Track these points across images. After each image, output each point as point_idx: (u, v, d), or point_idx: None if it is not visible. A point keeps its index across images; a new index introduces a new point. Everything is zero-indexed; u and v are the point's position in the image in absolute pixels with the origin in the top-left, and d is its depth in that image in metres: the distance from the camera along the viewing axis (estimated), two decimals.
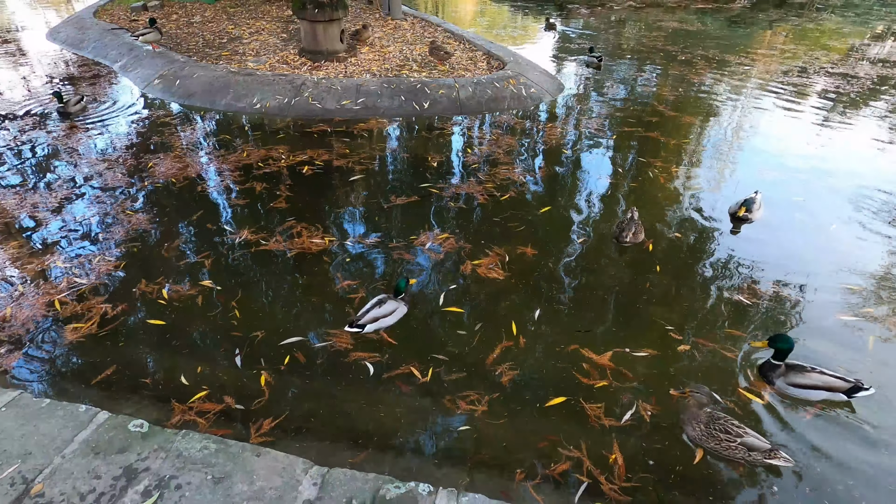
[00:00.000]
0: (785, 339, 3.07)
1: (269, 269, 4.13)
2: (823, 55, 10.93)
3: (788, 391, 3.08)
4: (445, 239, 4.52)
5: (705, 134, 7.05)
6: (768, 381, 3.14)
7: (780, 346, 3.08)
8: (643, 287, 4.04)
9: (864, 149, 6.60)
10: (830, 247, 4.61)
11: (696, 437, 2.78)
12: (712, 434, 2.72)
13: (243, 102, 7.09)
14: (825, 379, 3.03)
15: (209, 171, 5.61)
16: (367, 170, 5.71)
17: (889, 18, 15.03)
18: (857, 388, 2.99)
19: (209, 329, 3.53)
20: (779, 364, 3.10)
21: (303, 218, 4.74)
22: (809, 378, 3.04)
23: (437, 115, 7.16)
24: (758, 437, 2.70)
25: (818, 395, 3.05)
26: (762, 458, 2.66)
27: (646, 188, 5.55)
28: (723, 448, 2.70)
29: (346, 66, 8.13)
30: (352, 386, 3.15)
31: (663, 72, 9.57)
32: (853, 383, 3.00)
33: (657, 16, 14.57)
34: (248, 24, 10.27)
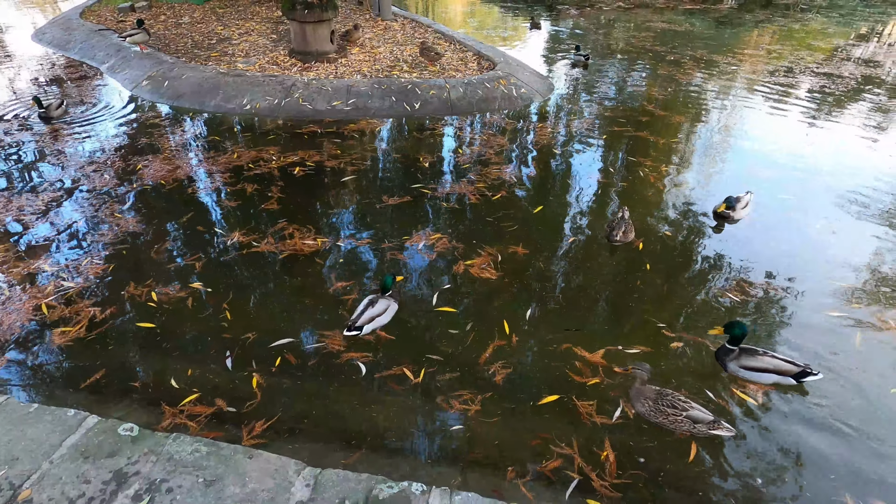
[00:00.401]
0: (739, 325, 3.16)
1: (261, 271, 4.10)
2: (809, 55, 11.08)
3: (741, 374, 3.18)
4: (438, 239, 4.52)
5: (694, 133, 7.12)
6: (722, 364, 3.24)
7: (735, 332, 3.17)
8: (634, 285, 4.08)
9: (850, 147, 6.70)
10: (819, 244, 4.68)
11: (645, 412, 2.92)
12: (660, 409, 2.85)
13: (233, 103, 7.05)
14: (776, 363, 3.13)
15: (199, 173, 5.57)
16: (359, 170, 5.70)
17: (872, 19, 15.27)
18: (806, 373, 3.10)
19: (200, 331, 3.51)
20: (733, 349, 3.20)
21: (294, 219, 4.72)
22: (761, 361, 3.15)
23: (428, 115, 7.17)
24: (702, 410, 2.84)
25: (769, 379, 3.16)
26: (706, 429, 2.81)
27: (636, 187, 5.60)
28: (670, 422, 2.84)
29: (337, 66, 8.11)
30: (345, 386, 3.15)
31: (652, 72, 9.64)
32: (802, 368, 3.10)
33: (646, 16, 14.69)
34: (238, 25, 10.21)
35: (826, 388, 3.21)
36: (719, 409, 3.06)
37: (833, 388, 3.21)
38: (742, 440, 2.91)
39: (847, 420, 3.02)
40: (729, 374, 3.22)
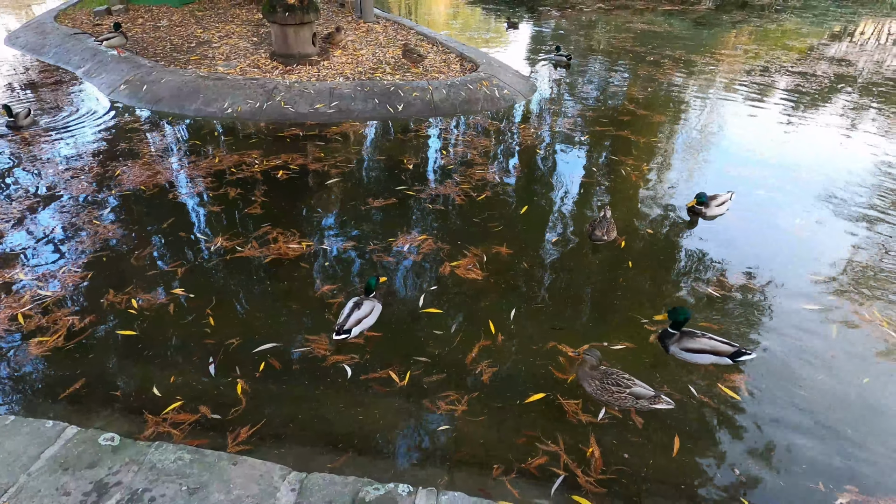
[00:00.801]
0: (682, 311, 3.30)
1: (245, 276, 4.07)
2: (784, 55, 11.33)
3: (681, 356, 3.32)
4: (424, 240, 4.52)
5: (675, 132, 7.23)
6: (664, 346, 3.37)
7: (678, 318, 3.31)
8: (617, 283, 4.13)
9: (825, 144, 6.87)
10: (796, 240, 4.78)
11: (592, 392, 3.04)
12: (606, 388, 2.97)
13: (214, 107, 6.98)
14: (713, 344, 3.27)
15: (180, 178, 5.50)
16: (343, 173, 5.69)
17: (844, 19, 15.68)
18: (741, 353, 3.24)
19: (183, 338, 3.46)
20: (674, 333, 3.34)
21: (278, 223, 4.69)
22: (699, 343, 3.29)
23: (412, 117, 7.17)
24: (643, 386, 2.98)
25: (707, 359, 3.30)
26: (648, 403, 2.95)
27: (618, 186, 5.67)
28: (615, 399, 2.97)
29: (319, 69, 8.07)
30: (331, 390, 3.13)
31: (633, 72, 9.78)
32: (737, 348, 3.25)
33: (626, 17, 14.89)
34: (218, 28, 10.11)
35: (802, 379, 3.29)
36: (701, 405, 3.12)
37: (809, 379, 3.29)
38: (723, 433, 2.97)
39: (821, 410, 3.09)
40: (671, 355, 3.36)
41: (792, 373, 3.35)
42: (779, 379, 3.30)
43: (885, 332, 3.67)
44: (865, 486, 2.68)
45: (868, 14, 16.40)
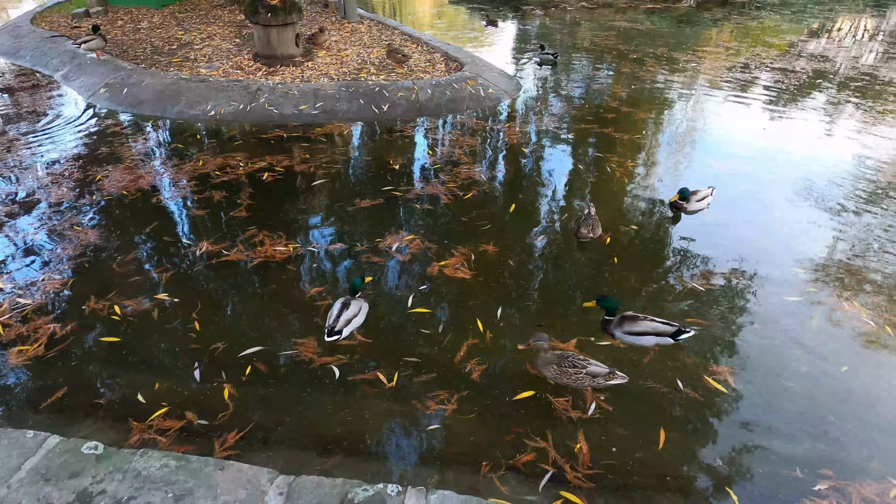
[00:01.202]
0: (608, 298, 3.45)
1: (231, 280, 4.03)
2: (764, 51, 11.50)
3: (627, 339, 3.42)
4: (412, 240, 4.52)
5: (659, 129, 7.31)
6: (608, 332, 3.48)
7: (606, 305, 3.44)
8: (603, 278, 4.16)
9: (805, 138, 6.98)
10: (778, 233, 4.86)
11: (552, 377, 3.11)
12: (564, 371, 3.06)
13: (196, 110, 6.90)
14: (654, 325, 3.37)
15: (163, 182, 5.43)
16: (329, 174, 5.66)
17: (822, 16, 15.95)
18: (681, 332, 3.35)
19: (168, 344, 3.42)
20: (612, 318, 3.44)
21: (265, 226, 4.65)
22: (641, 326, 3.39)
23: (397, 117, 7.15)
24: (598, 365, 3.10)
25: (651, 341, 3.40)
26: (604, 381, 3.07)
27: (603, 183, 5.71)
28: (573, 381, 3.06)
29: (303, 70, 8.02)
30: (319, 392, 3.12)
31: (617, 70, 9.86)
32: (677, 327, 3.36)
33: (609, 16, 15.00)
34: (199, 30, 9.99)
35: (784, 369, 3.35)
36: (685, 397, 3.15)
37: (791, 370, 3.35)
38: (707, 425, 3.01)
39: (802, 399, 3.15)
40: (617, 341, 3.46)
41: (776, 364, 3.40)
42: (762, 371, 3.35)
43: (864, 322, 3.74)
44: (843, 471, 2.73)
45: (844, 10, 16.71)
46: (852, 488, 2.66)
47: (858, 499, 2.61)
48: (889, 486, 2.68)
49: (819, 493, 2.62)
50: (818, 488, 2.64)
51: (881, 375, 3.34)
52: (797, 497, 2.62)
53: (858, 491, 2.65)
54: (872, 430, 2.98)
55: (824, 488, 2.64)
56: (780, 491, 2.66)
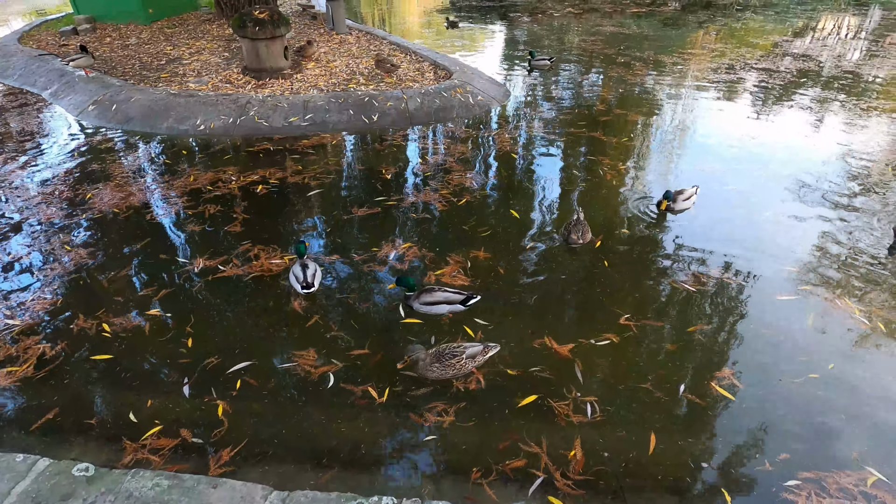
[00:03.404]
0: (405, 279, 3.75)
1: (227, 295, 4.00)
2: (748, 52, 11.64)
3: (422, 309, 3.71)
4: (408, 248, 4.52)
5: (648, 131, 7.37)
6: (409, 306, 3.76)
7: (406, 283, 3.75)
8: (597, 281, 4.17)
9: (792, 137, 7.06)
10: (768, 232, 4.88)
11: (438, 377, 3.15)
12: (446, 365, 3.12)
13: (186, 125, 6.89)
14: (446, 295, 3.68)
15: (154, 199, 5.41)
16: (323, 185, 5.66)
17: (805, 16, 16.18)
18: (470, 298, 3.69)
19: (161, 361, 3.39)
20: (411, 293, 3.75)
21: (260, 239, 4.64)
22: (434, 296, 3.68)
23: (388, 127, 7.18)
24: (472, 345, 3.24)
25: (443, 309, 3.71)
26: (483, 358, 3.23)
27: (594, 186, 5.74)
28: (459, 369, 3.14)
29: (292, 82, 8.04)
30: (315, 406, 3.09)
31: (605, 74, 9.95)
32: (466, 295, 3.70)
33: (595, 21, 15.16)
34: (188, 45, 10.01)
35: (774, 367, 3.36)
36: (695, 406, 3.16)
37: (781, 367, 3.36)
38: (695, 430, 3.00)
39: (791, 396, 3.16)
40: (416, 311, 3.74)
41: (769, 362, 3.41)
42: (756, 370, 3.37)
43: (857, 320, 3.77)
44: (822, 463, 2.77)
45: (826, 10, 16.97)
46: (830, 479, 2.68)
47: (836, 489, 2.64)
48: (866, 475, 2.71)
49: (798, 487, 2.64)
50: (796, 482, 2.66)
51: (866, 370, 3.36)
52: (778, 489, 2.64)
53: (836, 481, 2.67)
54: (854, 422, 3.00)
55: (802, 481, 2.66)
56: (762, 484, 2.67)
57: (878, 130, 7.30)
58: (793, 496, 2.61)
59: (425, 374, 3.17)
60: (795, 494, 2.61)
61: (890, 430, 2.97)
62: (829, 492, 2.63)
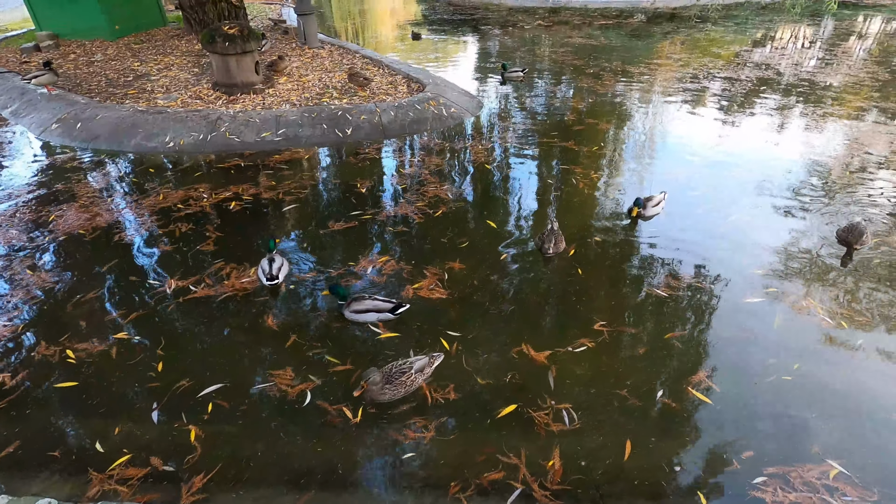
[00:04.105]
0: (335, 288, 3.82)
1: (199, 316, 3.91)
2: (711, 62, 12.06)
3: (353, 317, 3.80)
4: (386, 262, 4.51)
5: (618, 139, 7.54)
6: (342, 314, 3.83)
7: (336, 293, 3.83)
8: (572, 289, 4.22)
9: (755, 142, 7.31)
10: (735, 235, 5.03)
11: (390, 397, 3.09)
12: (396, 384, 3.07)
13: (155, 142, 6.76)
14: (375, 303, 3.77)
15: (122, 219, 5.27)
16: (298, 200, 5.61)
17: (763, 27, 16.87)
18: (399, 307, 3.76)
19: (130, 387, 3.29)
20: (343, 301, 3.83)
21: (233, 257, 4.56)
22: (364, 304, 3.77)
23: (362, 140, 7.18)
24: (417, 358, 3.23)
25: (372, 317, 3.78)
26: (431, 368, 3.22)
27: (568, 195, 5.83)
28: (409, 386, 3.10)
29: (264, 97, 7.98)
30: (292, 426, 3.04)
31: (575, 84, 10.16)
32: (395, 303, 3.77)
33: (565, 32, 15.50)
34: (156, 60, 9.85)
35: (745, 369, 3.45)
36: (669, 410, 3.21)
37: (752, 368, 3.45)
38: (670, 434, 3.05)
39: (762, 396, 3.24)
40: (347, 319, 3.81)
41: (740, 365, 3.50)
42: (728, 372, 3.45)
43: (821, 319, 3.90)
44: (787, 458, 2.86)
45: (783, 21, 17.73)
46: (795, 473, 2.77)
47: (800, 482, 2.72)
48: (828, 468, 2.80)
49: (763, 484, 2.71)
50: (762, 479, 2.73)
51: (830, 368, 3.47)
52: (749, 488, 2.70)
53: (800, 475, 2.76)
54: (817, 417, 3.10)
55: (768, 478, 2.74)
56: (734, 484, 2.74)
57: (834, 135, 7.63)
58: (760, 493, 2.67)
59: (379, 398, 3.09)
60: (762, 491, 2.68)
61: (850, 424, 3.07)
62: (793, 486, 2.70)
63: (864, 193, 5.84)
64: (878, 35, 15.59)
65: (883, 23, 17.58)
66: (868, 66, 11.63)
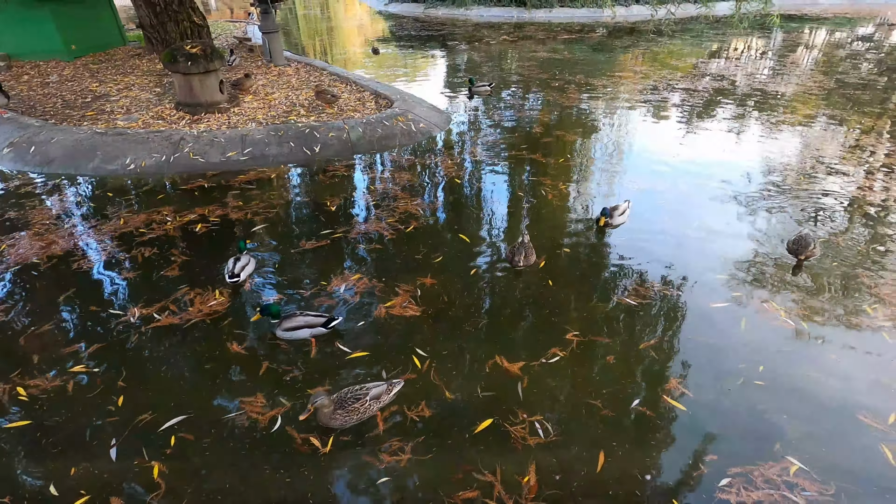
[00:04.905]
0: (267, 307, 3.74)
1: (164, 344, 3.77)
2: (670, 74, 12.51)
3: (286, 335, 3.72)
4: (358, 280, 4.45)
5: (585, 150, 7.70)
6: (274, 334, 3.76)
7: (270, 312, 3.74)
8: (544, 301, 4.25)
9: (713, 151, 7.58)
10: (699, 241, 5.17)
11: (342, 424, 3.00)
12: (349, 410, 2.98)
13: (115, 164, 6.56)
14: (306, 319, 3.71)
15: (81, 246, 5.07)
16: (267, 220, 5.51)
17: (718, 39, 17.64)
18: (331, 320, 3.74)
19: (89, 423, 3.12)
20: (276, 321, 3.78)
21: (199, 282, 4.43)
22: (296, 321, 3.70)
23: (330, 158, 7.13)
24: (376, 384, 3.13)
25: (305, 333, 3.72)
26: (388, 395, 3.13)
27: (537, 206, 5.91)
28: (363, 413, 3.01)
29: (229, 116, 7.86)
30: (263, 455, 2.94)
31: (541, 97, 10.37)
32: (327, 317, 3.75)
33: (530, 47, 15.86)
34: (116, 81, 9.61)
35: (713, 374, 3.52)
36: (642, 417, 3.24)
37: (721, 373, 3.53)
38: (644, 442, 3.09)
39: (730, 399, 3.32)
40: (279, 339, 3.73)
41: (709, 370, 3.57)
42: (697, 378, 3.51)
43: (783, 321, 4.03)
44: (750, 458, 2.93)
45: (735, 33, 18.59)
46: (757, 472, 2.83)
47: (762, 480, 2.78)
48: (788, 464, 2.88)
49: (728, 485, 2.76)
50: (727, 481, 2.79)
51: (792, 368, 3.58)
52: (712, 492, 2.75)
53: (762, 473, 2.83)
54: (780, 417, 3.19)
55: (732, 478, 2.80)
56: (696, 487, 2.78)
57: (788, 142, 7.98)
58: (725, 495, 2.71)
59: (329, 423, 2.97)
60: (726, 493, 2.72)
61: (811, 421, 3.16)
62: (756, 484, 2.76)
63: (815, 200, 6.11)
64: (823, 46, 16.50)
65: (827, 34, 18.62)
66: (815, 75, 12.27)
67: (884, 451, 2.97)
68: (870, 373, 3.53)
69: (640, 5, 22.62)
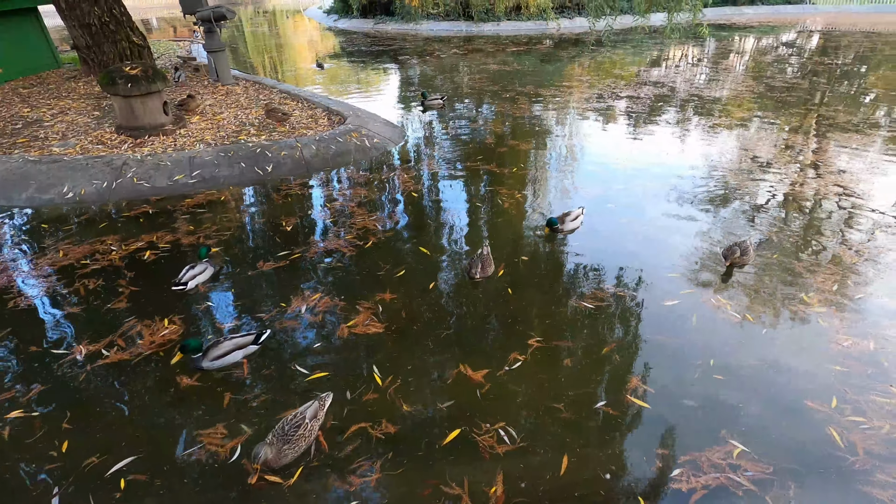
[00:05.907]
0: (186, 344, 3.50)
1: (112, 382, 3.56)
2: (614, 82, 13.06)
3: (215, 366, 3.53)
4: (319, 299, 4.37)
5: (538, 159, 7.90)
6: (198, 368, 3.54)
7: (191, 348, 3.50)
8: (506, 309, 4.31)
9: (658, 155, 7.94)
10: (649, 242, 5.39)
11: (293, 457, 2.87)
12: (294, 440, 2.85)
13: (51, 193, 6.21)
14: (235, 341, 3.59)
15: (15, 282, 4.75)
16: (220, 243, 5.34)
17: (657, 48, 18.58)
18: (260, 335, 3.70)
19: (27, 472, 2.91)
20: (198, 355, 3.55)
21: (147, 313, 4.22)
22: (223, 347, 3.53)
23: (283, 176, 7.01)
24: (307, 405, 3.06)
25: (237, 356, 3.58)
26: (323, 411, 3.09)
27: (494, 216, 6.00)
28: (308, 436, 2.94)
29: (175, 138, 7.60)
30: (224, 490, 2.81)
31: (494, 108, 10.59)
32: (256, 333, 3.69)
33: (480, 59, 16.19)
34: (49, 105, 9.13)
35: (670, 370, 3.66)
36: (607, 416, 3.31)
37: (677, 368, 3.68)
38: (606, 443, 3.17)
39: (685, 392, 3.46)
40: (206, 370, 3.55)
41: (666, 366, 3.71)
42: (655, 375, 3.64)
43: (730, 314, 4.24)
44: (698, 445, 3.04)
45: (671, 43, 19.64)
46: (703, 457, 2.97)
47: (708, 465, 2.92)
48: (731, 448, 3.04)
49: (679, 475, 2.88)
50: (678, 471, 2.90)
51: (741, 358, 3.78)
52: (665, 482, 2.86)
53: (708, 458, 2.97)
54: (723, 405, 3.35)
55: (683, 468, 2.92)
56: (646, 479, 2.88)
57: (727, 143, 8.47)
58: (676, 484, 2.82)
59: (282, 462, 2.85)
60: (677, 482, 2.83)
61: (755, 406, 3.33)
62: (702, 470, 2.89)
63: (752, 198, 6.50)
64: (752, 52, 17.67)
65: (755, 41, 19.96)
66: (746, 80, 13.10)
67: (831, 433, 3.15)
68: (810, 358, 3.76)
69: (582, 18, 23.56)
